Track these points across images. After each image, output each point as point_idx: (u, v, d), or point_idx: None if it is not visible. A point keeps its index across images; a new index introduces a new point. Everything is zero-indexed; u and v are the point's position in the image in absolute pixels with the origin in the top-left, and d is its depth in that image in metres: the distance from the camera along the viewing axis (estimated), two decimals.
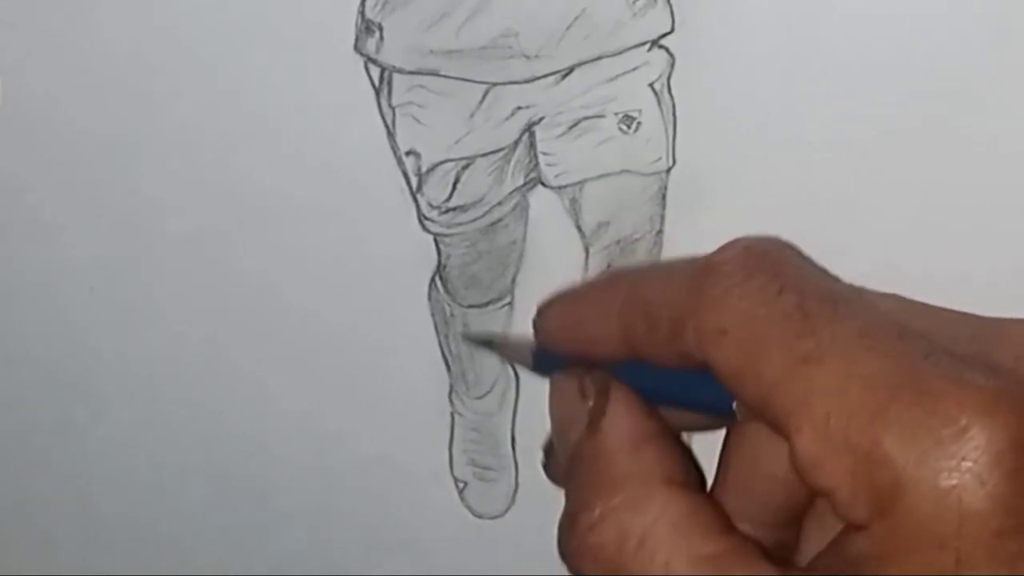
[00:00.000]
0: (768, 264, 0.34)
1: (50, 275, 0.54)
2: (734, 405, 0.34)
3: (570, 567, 0.36)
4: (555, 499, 0.56)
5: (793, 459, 0.31)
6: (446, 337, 0.53)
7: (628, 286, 0.37)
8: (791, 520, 0.38)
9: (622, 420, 0.36)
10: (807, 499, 0.37)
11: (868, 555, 0.31)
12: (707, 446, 0.39)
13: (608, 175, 0.49)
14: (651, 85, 0.48)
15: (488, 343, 0.44)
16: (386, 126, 0.49)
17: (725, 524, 0.34)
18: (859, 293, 0.36)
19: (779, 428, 0.32)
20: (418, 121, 0.49)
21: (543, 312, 0.40)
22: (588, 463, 0.36)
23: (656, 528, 0.34)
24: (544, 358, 0.40)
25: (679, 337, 0.34)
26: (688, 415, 0.37)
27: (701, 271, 0.34)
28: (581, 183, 0.50)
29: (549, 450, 0.42)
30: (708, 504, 0.35)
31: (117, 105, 0.51)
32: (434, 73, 0.48)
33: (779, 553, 0.38)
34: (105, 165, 0.52)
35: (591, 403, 0.37)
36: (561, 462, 0.38)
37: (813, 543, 0.37)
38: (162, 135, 0.51)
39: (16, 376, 0.57)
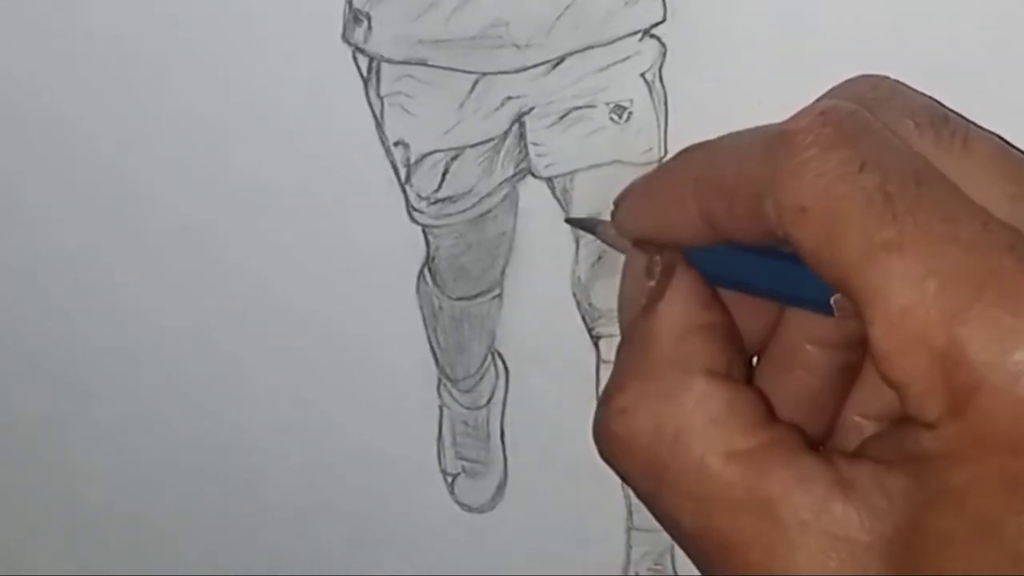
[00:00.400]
0: (848, 134, 0.32)
1: (35, 266, 0.54)
2: (833, 300, 0.33)
3: (601, 452, 0.35)
4: (544, 493, 0.56)
5: (870, 347, 0.30)
6: (434, 330, 0.53)
7: (701, 164, 0.35)
8: (855, 342, 0.36)
9: (677, 306, 0.35)
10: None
11: (933, 454, 0.29)
12: None
13: (599, 166, 0.49)
14: (642, 75, 0.47)
15: (591, 227, 0.42)
16: (374, 116, 0.49)
17: (766, 417, 0.33)
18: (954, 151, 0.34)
19: (858, 309, 0.30)
20: (407, 111, 0.48)
21: (619, 206, 0.39)
22: (636, 343, 0.35)
23: (692, 420, 0.33)
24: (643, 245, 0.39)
25: (759, 214, 0.32)
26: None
27: (777, 141, 0.32)
28: (571, 174, 0.49)
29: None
30: (749, 396, 0.33)
31: (104, 96, 0.51)
32: (423, 63, 0.47)
33: (844, 380, 0.37)
34: (91, 156, 0.52)
35: (652, 283, 0.36)
36: (620, 332, 0.37)
37: (873, 377, 0.36)
38: (149, 125, 0.51)
39: (2, 366, 0.57)
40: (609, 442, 0.34)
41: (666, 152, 0.49)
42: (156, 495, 0.59)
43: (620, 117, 0.48)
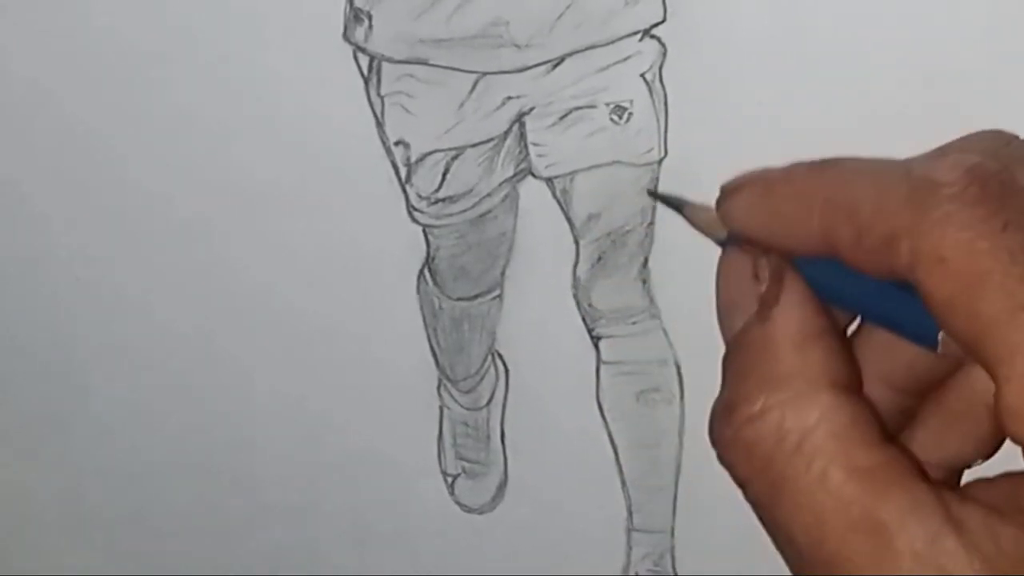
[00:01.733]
0: (993, 192, 0.32)
1: (37, 263, 0.54)
2: (940, 336, 0.33)
3: (721, 456, 0.35)
4: (544, 494, 0.56)
5: (997, 403, 0.30)
6: (434, 330, 0.53)
7: (833, 184, 0.35)
8: (922, 390, 0.37)
9: (794, 312, 0.35)
10: (946, 375, 0.36)
11: None
12: None
13: (599, 166, 0.49)
14: (643, 75, 0.48)
15: (676, 205, 0.42)
16: (375, 116, 0.49)
17: (883, 434, 0.33)
18: None
19: (987, 368, 0.31)
20: (407, 111, 0.49)
21: (731, 196, 0.38)
22: (754, 351, 0.35)
23: (816, 432, 0.33)
24: (734, 237, 0.39)
25: (890, 252, 0.33)
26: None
27: (923, 187, 0.33)
28: (572, 174, 0.49)
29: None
30: (869, 412, 0.34)
31: (106, 95, 0.51)
32: (423, 62, 0.48)
33: (900, 420, 0.37)
34: (93, 154, 0.52)
35: (763, 288, 0.36)
36: (723, 336, 0.37)
37: (935, 421, 0.36)
38: (150, 124, 0.51)
39: (2, 364, 0.57)
40: (732, 449, 0.35)
41: (666, 153, 0.49)
42: (155, 495, 0.59)
43: (620, 117, 0.48)
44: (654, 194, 0.46)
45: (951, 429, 0.37)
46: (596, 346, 0.52)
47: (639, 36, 0.47)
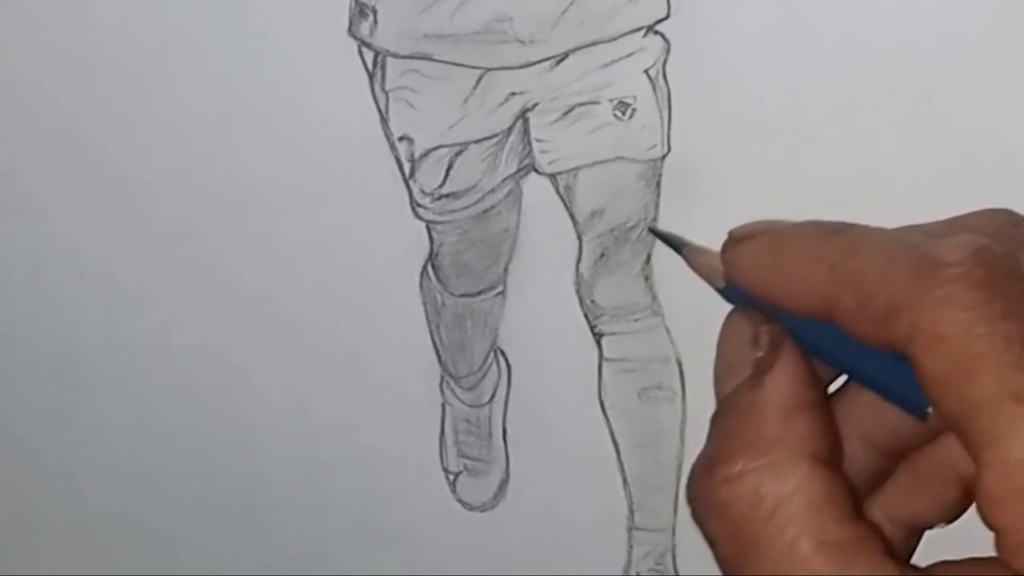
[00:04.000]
0: (995, 277, 0.33)
1: (40, 261, 0.54)
2: (930, 409, 0.34)
3: (695, 512, 0.36)
4: (546, 491, 0.56)
5: (977, 487, 0.31)
6: (437, 327, 0.53)
7: (841, 250, 0.36)
8: (901, 452, 0.38)
9: (786, 381, 0.36)
10: (925, 441, 0.37)
11: None
12: None
13: (602, 162, 0.49)
14: (646, 71, 0.48)
15: (676, 244, 0.43)
16: (379, 111, 0.49)
17: (856, 510, 0.34)
18: None
19: (970, 450, 0.32)
20: (411, 106, 0.49)
21: (737, 247, 0.39)
22: (742, 414, 0.36)
23: (792, 501, 0.34)
24: (733, 285, 0.39)
25: (889, 323, 0.34)
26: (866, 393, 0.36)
27: (928, 264, 0.33)
28: (575, 170, 0.50)
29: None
30: (844, 487, 0.35)
31: (109, 91, 0.51)
32: (427, 57, 0.48)
33: (874, 479, 0.38)
34: (97, 152, 0.52)
35: (760, 354, 0.37)
36: (716, 394, 0.38)
37: (906, 479, 0.37)
38: (153, 121, 0.51)
39: (4, 361, 0.57)
40: (707, 507, 0.36)
41: (669, 148, 0.49)
42: (156, 494, 0.59)
43: (624, 113, 0.48)
44: (655, 232, 0.46)
45: (921, 490, 0.38)
46: (598, 343, 0.52)
47: (643, 32, 0.47)
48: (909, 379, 0.33)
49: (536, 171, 0.50)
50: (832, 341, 0.36)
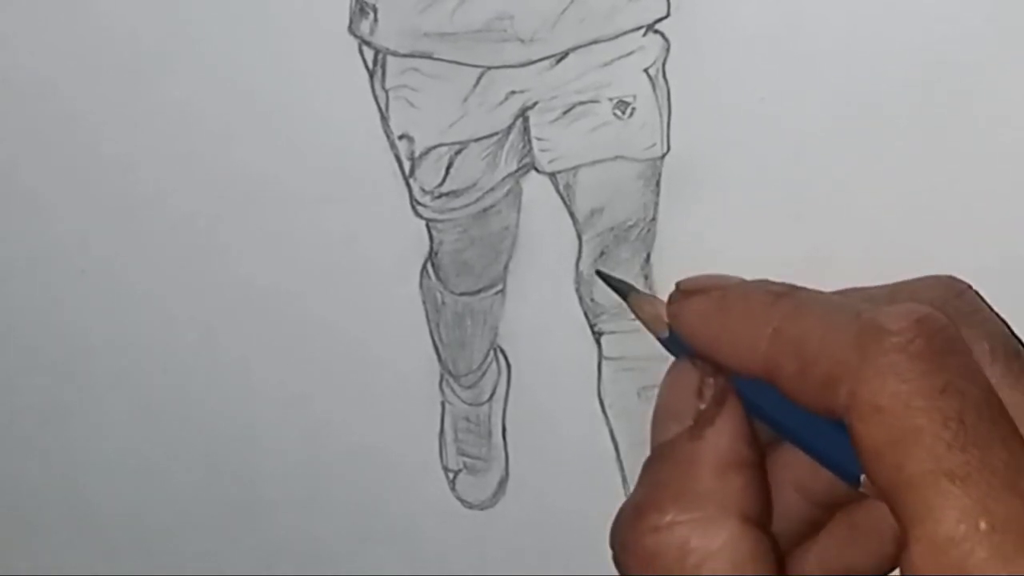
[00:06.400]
0: (937, 349, 0.33)
1: (42, 256, 0.54)
2: (862, 478, 0.34)
3: (618, 557, 0.36)
4: (546, 490, 0.56)
5: (904, 559, 0.31)
6: (437, 325, 0.53)
7: (786, 315, 0.36)
8: (836, 505, 0.38)
9: (725, 437, 0.36)
10: (861, 497, 0.37)
11: None
12: None
13: (602, 161, 0.49)
14: (646, 70, 0.48)
15: (622, 291, 0.43)
16: (379, 109, 0.49)
17: (778, 571, 0.35)
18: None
19: (900, 523, 0.32)
20: (411, 104, 0.49)
21: (684, 301, 0.39)
22: (678, 465, 0.36)
23: (718, 558, 0.34)
24: (676, 337, 0.39)
25: (829, 391, 0.34)
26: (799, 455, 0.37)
27: (868, 332, 0.33)
28: (575, 169, 0.50)
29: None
30: (771, 548, 0.35)
31: (110, 88, 0.51)
32: (428, 56, 0.48)
33: (808, 529, 0.38)
34: (97, 147, 0.52)
35: (703, 406, 0.37)
36: (652, 439, 0.38)
37: (841, 532, 0.37)
38: (154, 118, 0.51)
39: (4, 357, 0.57)
40: (632, 553, 0.36)
41: (669, 148, 0.49)
42: (156, 492, 0.59)
43: (623, 112, 0.48)
44: (602, 276, 0.46)
45: (854, 544, 0.39)
46: (598, 342, 0.52)
47: (643, 31, 0.47)
48: (845, 446, 0.34)
49: (536, 170, 0.50)
50: (771, 402, 0.36)
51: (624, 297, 0.42)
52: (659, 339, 0.41)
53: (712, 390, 0.37)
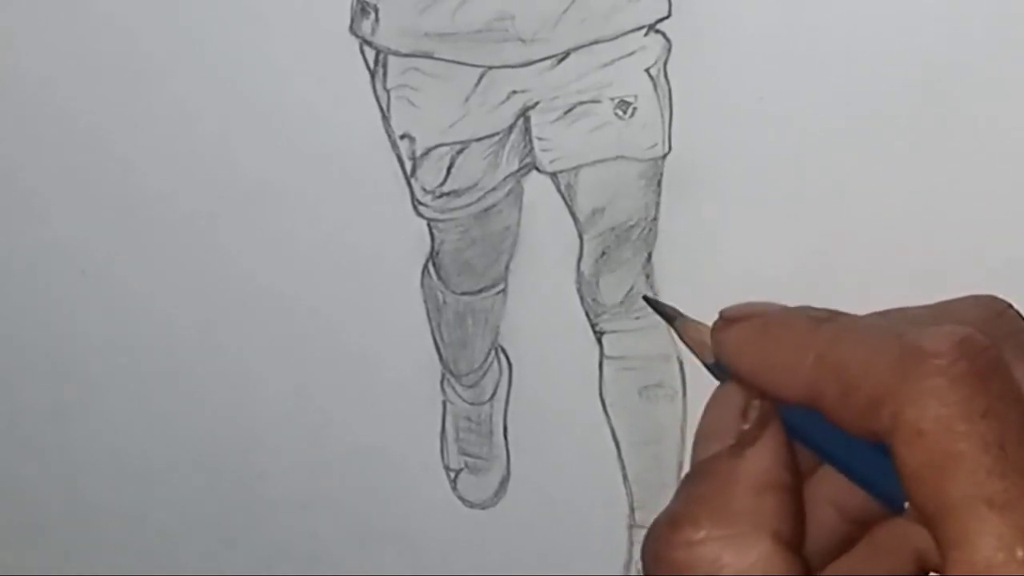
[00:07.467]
0: (978, 372, 0.33)
1: (42, 257, 0.54)
2: (907, 504, 0.34)
3: (648, 566, 0.36)
4: (547, 489, 0.56)
5: None
6: (438, 324, 0.53)
7: (828, 340, 0.36)
8: (871, 523, 0.38)
9: (766, 458, 0.36)
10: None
11: None
12: None
13: (603, 161, 0.49)
14: (647, 70, 0.48)
15: (669, 316, 0.43)
16: (381, 109, 0.49)
17: None
18: None
19: (939, 547, 0.32)
20: (413, 104, 0.49)
21: (727, 329, 0.39)
22: (716, 481, 0.36)
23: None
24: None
25: (872, 414, 0.34)
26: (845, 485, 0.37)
27: (910, 355, 0.33)
28: (576, 169, 0.50)
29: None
30: (802, 569, 0.35)
31: (111, 89, 0.51)
32: (429, 56, 0.48)
33: (841, 546, 0.38)
34: (98, 148, 0.52)
35: (746, 427, 0.37)
36: (693, 457, 0.38)
37: (867, 548, 0.38)
38: (155, 119, 0.51)
39: (5, 358, 0.57)
40: (665, 566, 0.36)
41: (670, 148, 0.49)
42: (157, 491, 0.59)
43: (625, 112, 0.48)
44: (649, 302, 0.46)
45: (878, 561, 0.39)
46: (599, 341, 0.52)
47: (644, 31, 0.47)
48: (888, 470, 0.34)
49: (537, 169, 0.50)
50: (814, 428, 0.36)
51: (671, 322, 0.43)
52: (705, 364, 0.41)
53: (757, 411, 0.37)
